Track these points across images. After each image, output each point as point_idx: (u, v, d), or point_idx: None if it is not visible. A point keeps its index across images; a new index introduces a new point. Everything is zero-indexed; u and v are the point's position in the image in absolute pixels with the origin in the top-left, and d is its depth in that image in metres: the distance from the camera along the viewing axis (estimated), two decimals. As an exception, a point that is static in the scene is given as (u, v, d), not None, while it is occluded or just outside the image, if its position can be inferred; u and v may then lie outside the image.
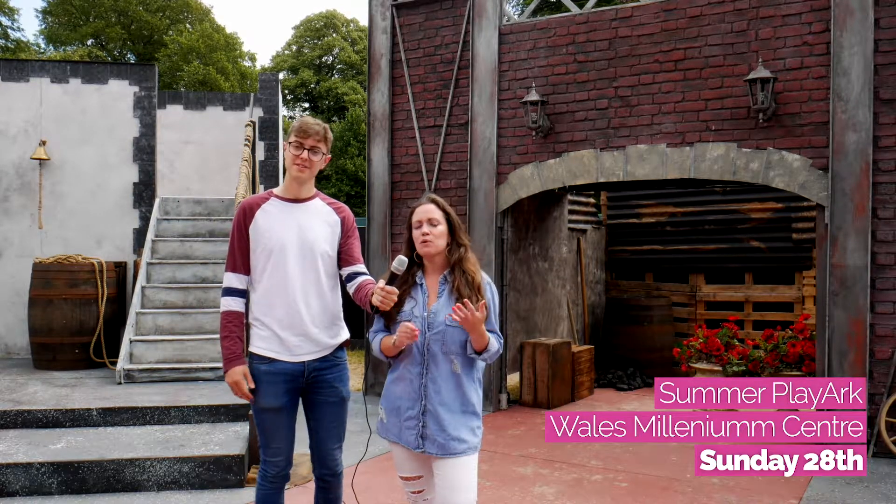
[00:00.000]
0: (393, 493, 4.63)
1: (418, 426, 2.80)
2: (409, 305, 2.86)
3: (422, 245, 2.88)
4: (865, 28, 5.61)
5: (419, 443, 2.80)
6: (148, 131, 8.80)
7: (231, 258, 3.13)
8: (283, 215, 3.12)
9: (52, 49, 30.60)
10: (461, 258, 2.86)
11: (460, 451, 2.79)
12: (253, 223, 3.10)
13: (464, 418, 2.81)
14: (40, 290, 7.13)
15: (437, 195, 2.99)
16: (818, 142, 5.81)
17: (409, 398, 2.82)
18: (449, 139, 7.37)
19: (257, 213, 3.12)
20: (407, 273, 2.89)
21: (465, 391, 2.82)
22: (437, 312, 2.81)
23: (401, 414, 2.85)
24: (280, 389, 3.09)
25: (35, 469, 4.52)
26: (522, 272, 7.97)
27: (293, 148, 3.07)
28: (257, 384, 3.09)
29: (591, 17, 6.70)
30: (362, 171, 28.54)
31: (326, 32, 37.66)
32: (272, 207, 3.14)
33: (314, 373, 3.13)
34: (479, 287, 2.81)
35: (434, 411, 2.78)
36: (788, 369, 6.44)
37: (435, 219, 2.87)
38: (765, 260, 9.15)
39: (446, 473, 2.79)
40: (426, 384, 2.80)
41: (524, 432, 6.32)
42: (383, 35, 7.72)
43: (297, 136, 3.06)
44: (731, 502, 4.55)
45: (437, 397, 2.79)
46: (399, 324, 2.81)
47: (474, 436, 2.84)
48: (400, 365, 2.88)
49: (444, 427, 2.78)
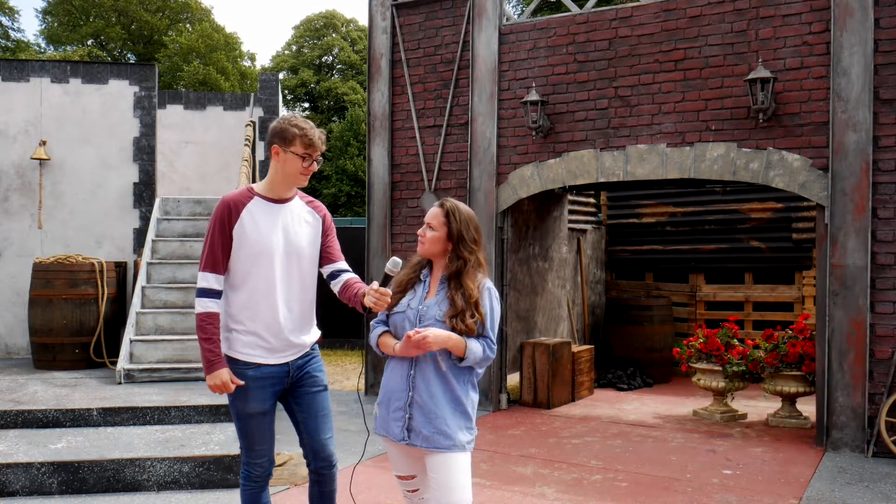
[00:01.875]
0: (393, 493, 4.63)
1: (404, 417, 2.81)
2: (408, 297, 2.91)
3: (418, 244, 2.95)
4: (865, 28, 5.61)
5: (404, 434, 2.81)
6: (148, 131, 8.80)
7: (210, 257, 3.01)
8: (268, 217, 3.06)
9: (52, 49, 30.61)
10: (460, 271, 2.83)
11: (445, 447, 2.77)
12: (238, 223, 3.02)
13: (453, 416, 2.80)
14: (40, 290, 7.13)
15: (457, 202, 2.93)
16: (818, 142, 5.81)
17: (399, 389, 2.85)
18: (449, 139, 7.38)
19: (242, 213, 3.03)
20: (418, 267, 2.95)
21: (455, 390, 2.81)
22: (428, 307, 2.84)
23: (390, 405, 2.87)
24: (267, 394, 3.09)
25: (35, 469, 4.52)
26: (522, 272, 7.97)
27: (300, 158, 3.04)
28: (244, 390, 3.05)
29: (591, 17, 6.71)
30: (362, 171, 28.53)
31: (326, 32, 37.68)
32: (257, 208, 3.06)
33: (297, 371, 3.15)
34: (476, 303, 2.79)
35: (421, 403, 2.79)
36: (788, 369, 6.45)
37: (433, 224, 2.88)
38: (765, 260, 9.15)
39: (438, 474, 2.79)
40: (415, 376, 2.82)
41: (524, 432, 6.32)
42: (383, 35, 7.73)
43: (305, 149, 3.04)
44: (731, 502, 4.55)
45: (426, 390, 2.79)
46: (395, 314, 2.88)
47: (463, 434, 2.81)
48: (394, 357, 2.92)
49: (431, 419, 2.77)
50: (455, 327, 2.74)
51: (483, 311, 2.81)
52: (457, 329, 2.75)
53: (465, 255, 2.84)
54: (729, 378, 6.73)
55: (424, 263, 2.97)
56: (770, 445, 5.91)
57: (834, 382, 5.73)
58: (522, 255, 7.97)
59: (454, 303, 2.78)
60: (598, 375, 8.57)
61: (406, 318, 2.86)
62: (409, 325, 2.84)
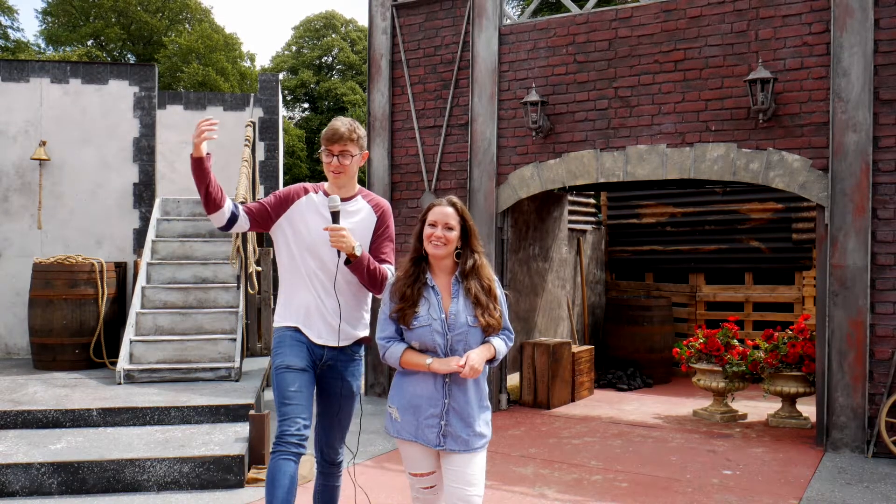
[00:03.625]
0: (393, 493, 4.63)
1: (440, 424, 2.84)
2: (423, 308, 2.86)
3: (432, 246, 2.89)
4: (865, 28, 5.61)
5: (440, 440, 2.85)
6: (148, 131, 8.80)
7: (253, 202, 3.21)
8: (325, 210, 3.17)
9: (52, 49, 30.61)
10: (476, 265, 2.91)
11: (480, 447, 2.89)
12: (301, 202, 3.20)
13: (481, 414, 2.91)
14: (40, 290, 7.13)
15: (457, 199, 2.98)
16: (818, 142, 5.82)
17: (431, 397, 2.85)
18: (449, 139, 7.38)
19: (310, 195, 3.21)
20: (416, 272, 2.93)
21: (481, 385, 2.91)
22: (456, 314, 2.84)
23: (420, 413, 2.86)
24: (304, 352, 3.17)
25: (35, 469, 4.52)
26: (522, 272, 7.97)
27: (324, 156, 3.17)
28: (283, 346, 3.17)
29: (591, 17, 6.71)
30: (362, 171, 28.49)
31: (326, 33, 37.69)
32: (311, 201, 3.21)
33: (330, 361, 3.21)
34: (495, 296, 2.90)
35: (459, 409, 2.85)
36: (788, 369, 6.45)
37: (451, 224, 2.88)
38: (765, 260, 9.15)
39: (461, 468, 2.84)
40: (450, 384, 2.85)
41: (524, 432, 6.32)
42: (383, 35, 7.73)
43: (325, 145, 3.17)
44: (731, 502, 4.55)
45: (463, 396, 2.85)
46: (420, 329, 2.83)
47: (489, 429, 2.95)
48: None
49: (469, 423, 2.86)
50: (489, 324, 2.84)
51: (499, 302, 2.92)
52: (490, 325, 2.85)
53: (478, 249, 2.94)
54: (729, 378, 6.73)
55: (420, 268, 2.93)
56: (770, 446, 5.91)
57: (834, 382, 5.73)
58: (522, 255, 7.97)
59: (479, 301, 2.85)
60: (598, 376, 8.57)
61: (434, 330, 2.83)
62: (438, 336, 2.83)
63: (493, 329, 2.86)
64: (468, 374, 2.76)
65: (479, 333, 2.85)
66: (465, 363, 2.76)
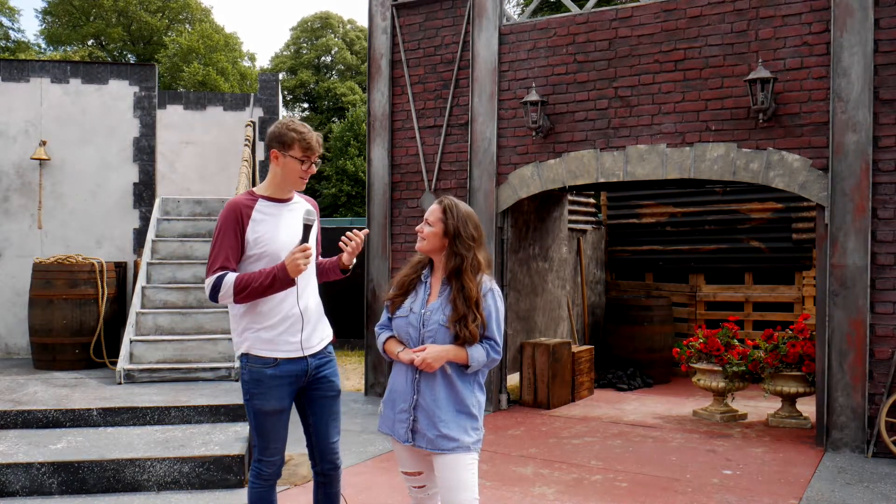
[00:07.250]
0: (394, 493, 4.63)
1: (409, 420, 2.83)
2: (409, 300, 2.90)
3: (417, 241, 2.93)
4: (865, 28, 5.61)
5: (409, 436, 2.83)
6: (148, 131, 8.80)
7: (220, 259, 3.02)
8: (275, 219, 3.13)
9: (52, 49, 30.63)
10: (459, 269, 2.81)
11: (449, 449, 2.77)
12: (251, 226, 3.07)
13: (456, 417, 2.80)
14: (40, 290, 7.13)
15: (455, 199, 2.91)
16: (818, 142, 5.82)
17: (403, 391, 2.85)
18: (449, 139, 7.38)
19: (253, 214, 3.09)
20: (418, 269, 2.95)
21: (459, 391, 2.80)
22: (432, 311, 2.82)
23: (395, 406, 2.88)
24: (285, 392, 3.11)
25: (35, 469, 4.52)
26: (522, 272, 7.97)
27: (300, 162, 3.12)
28: (262, 387, 3.08)
29: (591, 17, 6.71)
30: (362, 171, 28.52)
31: (323, 33, 37.71)
32: (265, 209, 3.13)
33: (314, 370, 3.18)
34: (476, 302, 2.78)
35: (425, 406, 2.80)
36: (788, 369, 6.45)
37: (430, 220, 2.87)
38: (765, 260, 9.15)
39: (444, 473, 2.80)
40: (419, 380, 2.82)
41: (524, 432, 6.32)
42: (383, 35, 7.73)
43: (303, 153, 3.11)
44: (731, 502, 4.55)
45: (430, 393, 2.80)
46: (398, 319, 2.89)
47: (468, 435, 2.80)
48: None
49: (434, 423, 2.78)
50: (459, 333, 2.74)
51: (485, 312, 2.80)
52: (460, 335, 2.74)
53: (462, 252, 2.81)
54: (729, 378, 6.73)
55: (425, 262, 2.96)
56: (770, 445, 5.91)
57: (834, 382, 5.73)
58: (522, 255, 7.96)
59: (456, 307, 2.77)
60: (598, 376, 8.57)
61: (409, 323, 2.85)
62: (412, 330, 2.83)
63: (466, 339, 2.75)
64: (419, 364, 2.74)
65: (448, 335, 2.78)
66: (420, 353, 2.75)
